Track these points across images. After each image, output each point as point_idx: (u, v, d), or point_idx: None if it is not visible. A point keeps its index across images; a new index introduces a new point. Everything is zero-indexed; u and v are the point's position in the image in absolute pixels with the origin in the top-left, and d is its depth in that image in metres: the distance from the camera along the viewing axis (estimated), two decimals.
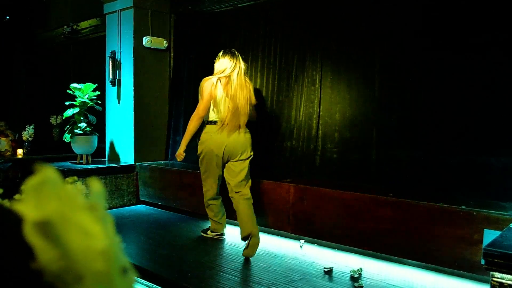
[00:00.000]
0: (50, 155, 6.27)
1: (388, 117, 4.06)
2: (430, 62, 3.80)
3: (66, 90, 5.44)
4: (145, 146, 5.77)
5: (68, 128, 5.48)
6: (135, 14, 5.67)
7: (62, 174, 0.41)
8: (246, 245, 3.77)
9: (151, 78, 5.84)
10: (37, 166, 0.38)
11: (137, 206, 5.62)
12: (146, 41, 5.70)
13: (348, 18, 4.35)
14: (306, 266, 3.57)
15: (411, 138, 3.91)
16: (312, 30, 4.62)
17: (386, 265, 3.53)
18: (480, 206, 3.18)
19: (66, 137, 5.44)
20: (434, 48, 3.78)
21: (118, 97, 5.88)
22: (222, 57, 3.94)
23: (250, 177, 4.04)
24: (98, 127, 5.71)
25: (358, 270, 3.41)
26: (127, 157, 5.78)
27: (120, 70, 5.81)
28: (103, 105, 5.88)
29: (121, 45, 5.81)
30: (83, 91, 5.41)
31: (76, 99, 5.40)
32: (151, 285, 3.27)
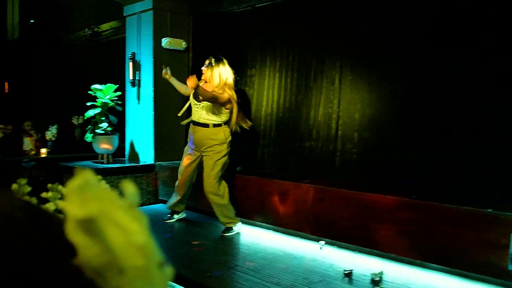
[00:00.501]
0: (72, 155, 6.29)
1: (409, 117, 3.92)
2: (454, 61, 3.63)
3: (88, 91, 5.40)
4: (164, 146, 5.74)
5: (89, 128, 5.46)
6: (155, 16, 5.63)
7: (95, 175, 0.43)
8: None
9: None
10: (77, 170, 0.41)
11: (156, 205, 5.60)
12: (165, 42, 5.63)
13: (368, 16, 4.22)
14: (326, 268, 3.45)
15: (434, 138, 3.75)
16: (331, 29, 4.50)
17: (408, 268, 3.38)
18: (507, 209, 3.00)
19: (88, 137, 5.42)
20: (459, 47, 3.61)
21: (138, 97, 5.84)
22: (224, 64, 4.28)
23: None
24: (118, 127, 5.68)
25: (379, 273, 3.26)
26: (147, 156, 5.74)
27: (140, 71, 5.78)
28: (123, 105, 5.84)
29: (140, 46, 5.77)
30: (104, 92, 5.38)
31: (97, 100, 5.37)
32: (171, 283, 3.17)
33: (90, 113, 5.37)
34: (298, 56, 4.80)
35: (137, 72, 5.77)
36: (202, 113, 4.27)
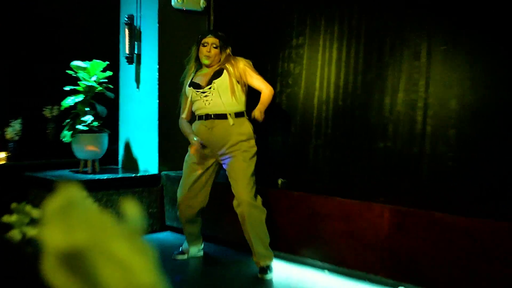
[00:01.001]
0: (43, 161, 6.39)
1: None
2: None
3: (66, 71, 5.49)
4: (174, 149, 5.82)
5: (68, 122, 5.56)
6: None
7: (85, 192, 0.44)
8: None
9: (184, 52, 5.79)
10: (60, 184, 0.41)
11: (162, 233, 5.69)
12: (177, 0, 5.69)
13: None
14: None
15: None
16: None
17: None
18: None
19: (66, 135, 5.52)
20: None
21: (137, 79, 5.93)
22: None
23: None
24: (109, 122, 5.75)
25: None
26: (149, 164, 5.86)
27: (140, 41, 5.88)
28: (116, 90, 5.92)
29: (141, 6, 5.86)
30: (89, 72, 5.48)
31: (79, 83, 5.46)
32: None
33: (69, 101, 5.48)
34: (366, 18, 4.80)
35: (136, 43, 5.87)
36: (215, 99, 4.44)
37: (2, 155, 6.52)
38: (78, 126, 5.53)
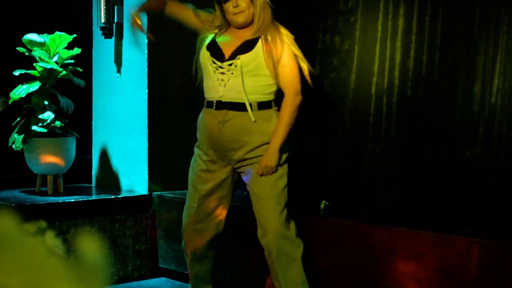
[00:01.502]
0: None
1: None
2: None
3: (15, 48, 5.54)
4: (170, 160, 5.89)
5: (18, 122, 5.59)
6: None
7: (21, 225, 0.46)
8: None
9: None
10: None
11: (154, 280, 5.73)
12: None
13: None
14: None
15: None
16: None
17: None
18: None
19: (16, 140, 5.54)
20: None
21: (118, 60, 5.99)
22: None
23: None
24: (79, 121, 5.79)
25: None
26: (135, 180, 5.92)
27: (121, 5, 5.92)
28: (87, 76, 5.95)
29: None
30: (49, 49, 5.51)
31: (34, 65, 5.49)
32: None
33: (20, 92, 5.49)
34: None
35: (116, 7, 5.90)
36: (235, 81, 4.39)
37: None
38: (34, 128, 5.52)
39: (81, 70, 5.67)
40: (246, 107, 4.34)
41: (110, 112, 6.11)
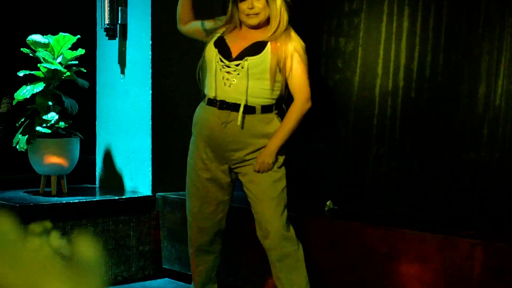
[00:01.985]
0: None
1: None
2: None
3: (20, 49, 5.54)
4: (174, 160, 5.88)
5: (23, 123, 5.59)
6: None
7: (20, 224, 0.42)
8: None
9: None
10: None
11: (158, 281, 5.72)
12: None
13: None
14: None
15: None
16: None
17: None
18: None
19: (20, 141, 5.54)
20: None
21: (122, 61, 5.99)
22: None
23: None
24: (83, 122, 5.79)
25: None
26: (139, 181, 5.92)
27: (125, 6, 5.92)
28: (91, 77, 5.96)
29: None
30: (54, 49, 5.51)
31: (39, 66, 5.50)
32: None
33: (25, 92, 5.50)
34: None
35: (120, 8, 5.92)
36: (240, 82, 4.38)
37: None
38: (38, 128, 5.52)
39: (85, 71, 5.68)
40: (249, 110, 4.36)
41: (114, 113, 6.11)
